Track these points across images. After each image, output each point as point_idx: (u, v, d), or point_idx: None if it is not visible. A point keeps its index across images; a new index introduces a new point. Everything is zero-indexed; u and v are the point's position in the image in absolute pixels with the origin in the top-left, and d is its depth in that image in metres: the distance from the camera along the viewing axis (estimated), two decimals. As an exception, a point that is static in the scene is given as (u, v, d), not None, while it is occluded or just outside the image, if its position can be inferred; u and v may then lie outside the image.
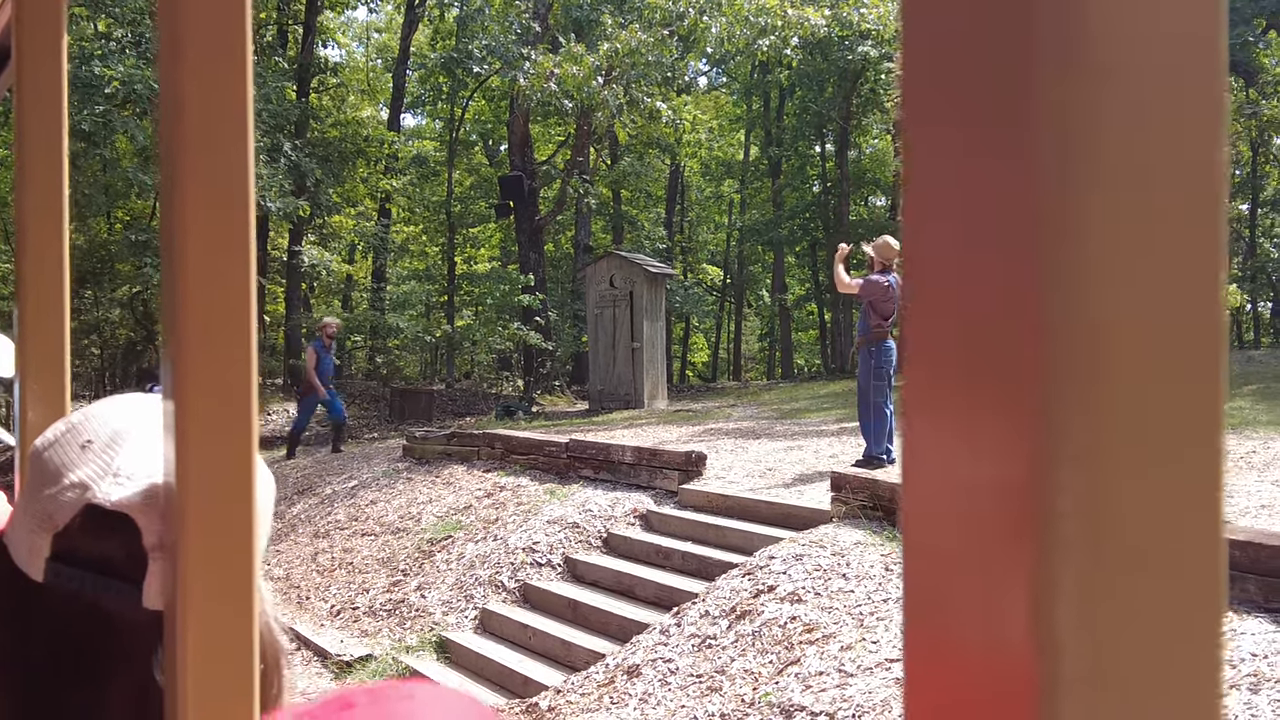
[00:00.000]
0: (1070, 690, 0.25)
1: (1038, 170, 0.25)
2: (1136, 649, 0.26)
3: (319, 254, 23.85)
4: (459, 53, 22.78)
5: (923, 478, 0.30)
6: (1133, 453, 0.26)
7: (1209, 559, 0.28)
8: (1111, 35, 0.26)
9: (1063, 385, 0.25)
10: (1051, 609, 0.25)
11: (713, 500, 8.93)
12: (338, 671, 8.22)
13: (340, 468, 13.88)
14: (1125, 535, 0.26)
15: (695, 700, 6.00)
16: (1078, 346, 0.25)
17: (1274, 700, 4.20)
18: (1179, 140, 0.26)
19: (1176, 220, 0.27)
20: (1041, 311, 0.25)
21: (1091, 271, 0.25)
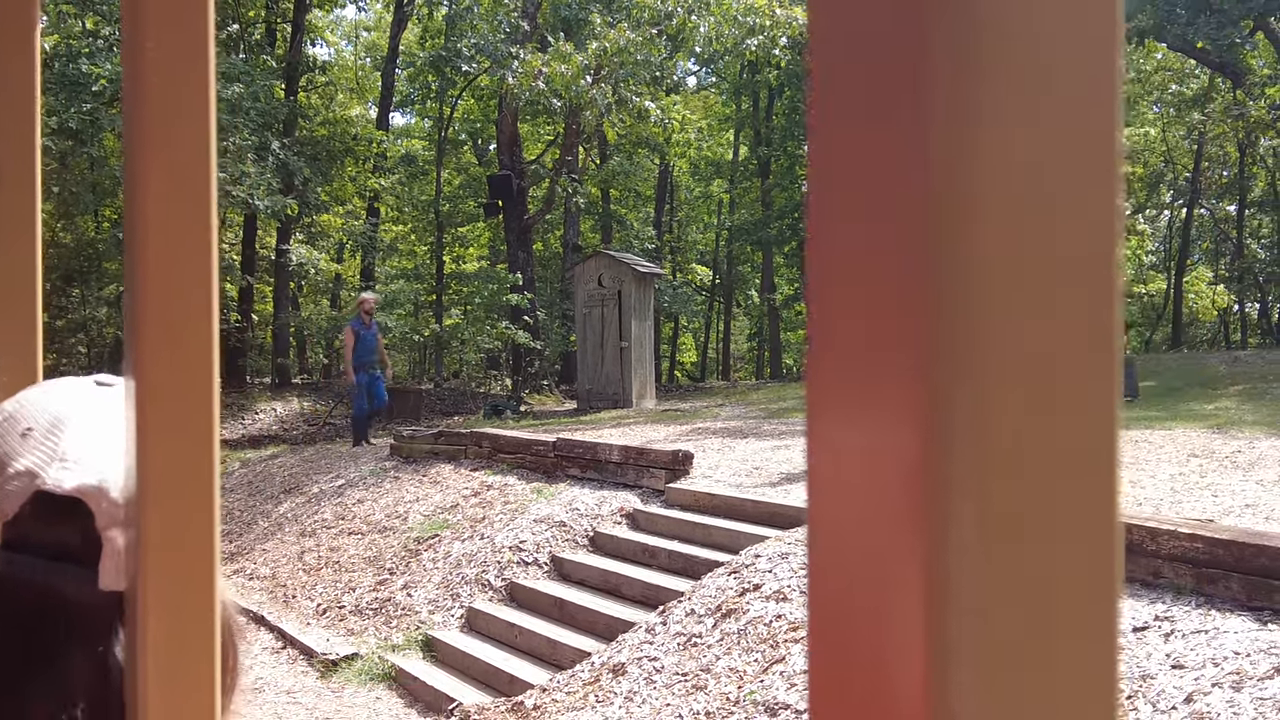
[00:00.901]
0: (961, 658, 0.27)
1: (931, 164, 0.26)
2: (1027, 620, 0.28)
3: (307, 253, 23.83)
4: (448, 51, 22.74)
5: (827, 455, 0.30)
6: (1022, 426, 0.28)
7: (1103, 536, 0.28)
8: (1002, 32, 0.28)
9: (952, 369, 0.27)
10: (945, 582, 0.27)
11: (699, 499, 8.94)
12: (323, 670, 8.22)
13: (327, 466, 13.86)
14: (1016, 508, 0.28)
15: (680, 699, 6.01)
16: (967, 331, 0.26)
17: (1256, 698, 4.22)
18: (1072, 131, 0.28)
19: (1068, 212, 0.28)
20: (932, 298, 0.27)
21: (981, 259, 0.27)
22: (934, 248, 0.26)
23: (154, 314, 0.67)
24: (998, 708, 0.27)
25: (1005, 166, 0.26)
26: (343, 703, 7.67)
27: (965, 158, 0.25)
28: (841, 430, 0.29)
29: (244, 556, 11.40)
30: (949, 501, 0.26)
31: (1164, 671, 4.65)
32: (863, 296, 0.29)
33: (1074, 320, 0.28)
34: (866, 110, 0.28)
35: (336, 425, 20.21)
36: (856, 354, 0.28)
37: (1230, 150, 29.43)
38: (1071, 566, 0.28)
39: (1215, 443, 9.39)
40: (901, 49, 0.27)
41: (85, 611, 0.80)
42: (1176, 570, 5.44)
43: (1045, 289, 0.27)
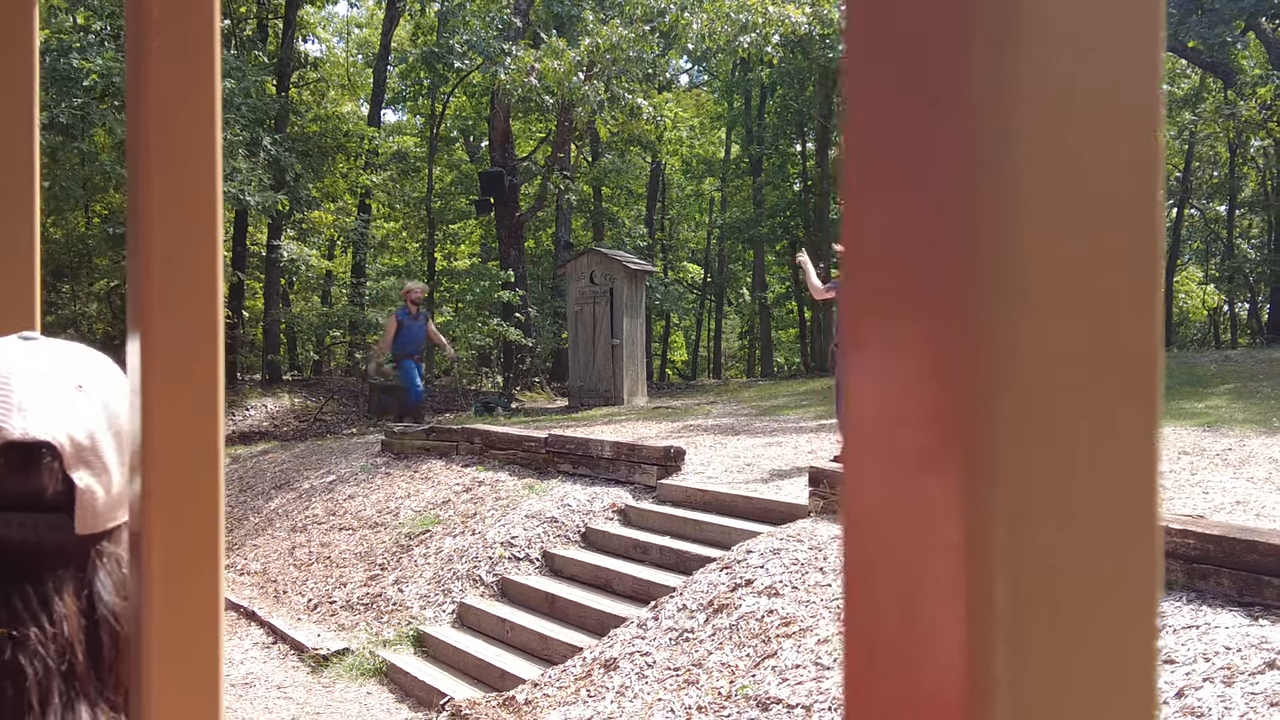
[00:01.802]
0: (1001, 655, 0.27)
1: (969, 153, 0.26)
2: (1067, 616, 0.27)
3: (298, 249, 23.78)
4: (440, 48, 22.70)
5: (863, 452, 0.30)
6: (1063, 419, 0.27)
7: (1143, 533, 0.28)
8: (1041, 15, 0.27)
9: (992, 365, 0.26)
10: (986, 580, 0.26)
11: (691, 495, 8.94)
12: (314, 665, 8.21)
13: (318, 463, 13.83)
14: (1054, 499, 0.27)
15: (672, 693, 6.01)
16: (1008, 325, 0.25)
17: (1247, 693, 4.23)
18: (1113, 119, 0.27)
19: (1109, 201, 0.27)
20: (971, 292, 0.26)
21: (1021, 250, 0.26)
22: (973, 239, 0.26)
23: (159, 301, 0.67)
24: (1038, 704, 0.27)
25: (1045, 154, 0.26)
26: (334, 698, 7.66)
27: (1004, 145, 0.25)
28: (877, 426, 0.29)
29: (235, 552, 11.37)
30: (990, 499, 0.26)
31: (1155, 666, 4.66)
32: (899, 291, 0.29)
33: (1116, 312, 0.27)
34: (901, 98, 0.28)
35: (327, 421, 20.18)
36: (892, 351, 0.28)
37: (1221, 150, 29.51)
38: (1111, 564, 0.28)
39: (1206, 440, 9.41)
40: (938, 34, 0.27)
41: (67, 556, 0.80)
42: (1168, 566, 5.46)
43: (1086, 280, 0.27)
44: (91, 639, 0.81)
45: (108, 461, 0.82)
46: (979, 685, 0.26)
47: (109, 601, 0.82)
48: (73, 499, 0.80)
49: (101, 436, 0.82)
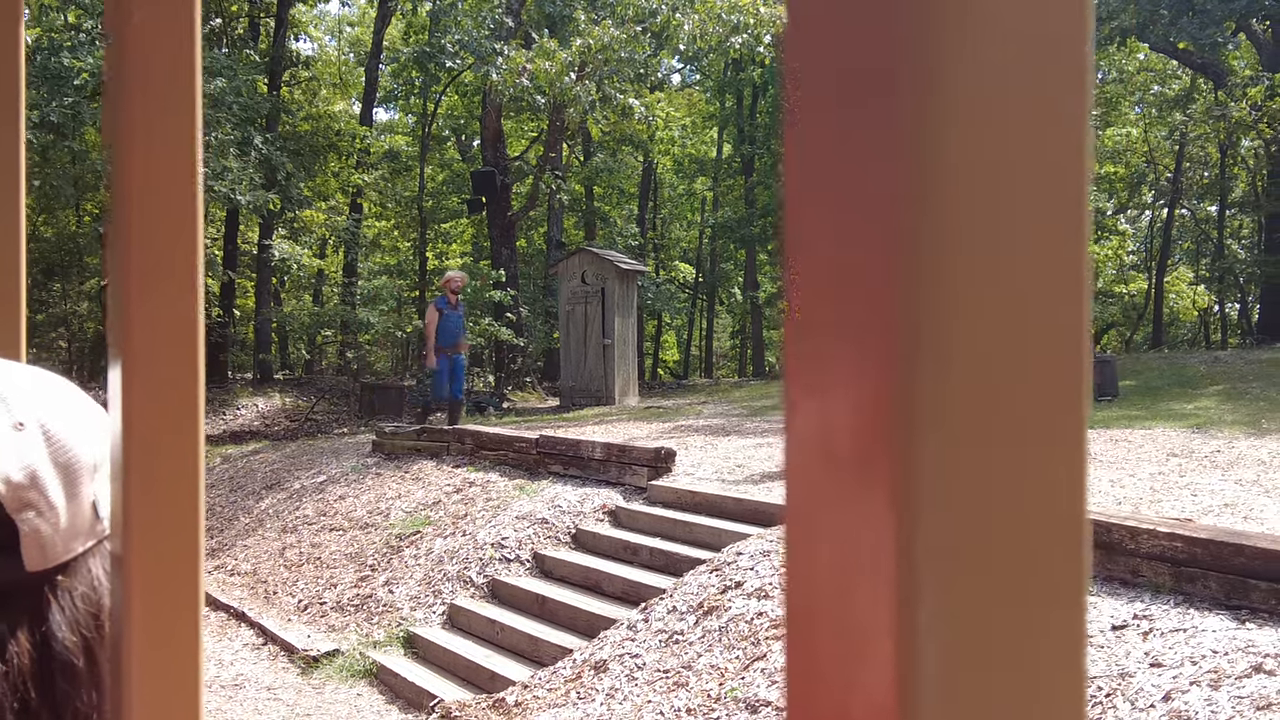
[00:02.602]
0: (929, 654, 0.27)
1: (898, 160, 0.27)
2: (996, 614, 0.28)
3: (290, 248, 23.76)
4: (432, 47, 22.68)
5: (801, 447, 0.30)
6: (989, 419, 0.28)
7: (1069, 532, 0.28)
8: (966, 31, 0.27)
9: (919, 363, 0.27)
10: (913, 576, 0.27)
11: (681, 496, 8.95)
12: (304, 666, 8.20)
13: (309, 463, 13.82)
14: (979, 498, 0.28)
15: (662, 695, 6.01)
16: (933, 321, 0.26)
17: (1234, 697, 4.25)
18: (1040, 128, 0.28)
19: (1037, 208, 0.28)
20: (901, 289, 0.27)
21: (947, 254, 0.27)
22: (902, 242, 0.27)
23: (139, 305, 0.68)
24: (966, 702, 0.28)
25: (971, 163, 0.27)
26: (324, 699, 7.66)
27: (931, 155, 0.27)
28: (814, 421, 0.30)
29: (225, 552, 11.37)
30: (917, 492, 0.27)
31: (1142, 670, 4.68)
32: (836, 287, 0.29)
33: (1042, 316, 0.28)
34: (838, 105, 0.29)
35: (318, 421, 20.16)
36: (830, 344, 0.29)
37: (1211, 151, 29.54)
38: (1039, 558, 0.28)
39: (1195, 442, 9.44)
40: (871, 44, 0.28)
41: (19, 594, 0.80)
42: (1155, 569, 5.47)
43: (1013, 285, 0.28)
44: (45, 676, 0.80)
45: (53, 498, 0.81)
46: (908, 695, 0.27)
47: (63, 638, 0.81)
48: (17, 537, 0.79)
49: (44, 473, 0.81)
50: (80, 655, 0.82)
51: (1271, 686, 4.22)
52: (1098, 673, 4.79)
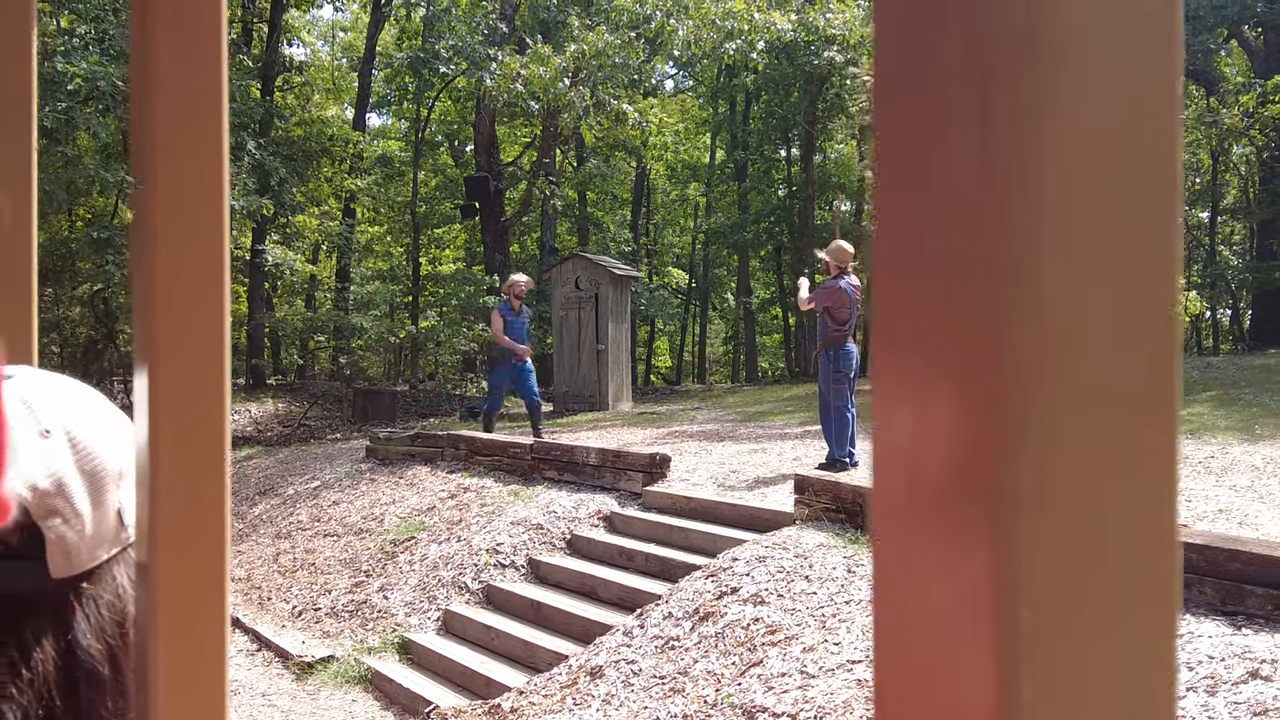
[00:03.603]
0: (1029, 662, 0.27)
1: (996, 166, 0.27)
2: (1092, 620, 0.28)
3: (283, 253, 23.73)
4: (425, 53, 22.68)
5: (890, 465, 0.30)
6: (1087, 441, 0.27)
7: (1162, 544, 0.28)
8: (1066, 28, 0.27)
9: (1020, 376, 0.27)
10: (1012, 591, 0.27)
11: (676, 502, 8.95)
12: (299, 673, 8.19)
13: (303, 468, 13.80)
14: (1079, 521, 0.27)
15: (658, 701, 6.01)
16: (1034, 334, 0.26)
17: (1230, 703, 4.25)
18: (1133, 133, 0.27)
19: (1131, 213, 0.27)
20: (1000, 301, 0.27)
21: (1047, 262, 0.27)
22: (999, 254, 0.27)
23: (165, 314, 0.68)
24: (1064, 708, 0.27)
25: (1069, 171, 0.27)
26: (318, 705, 7.64)
27: (1030, 163, 0.27)
28: (906, 434, 0.29)
29: (219, 558, 11.33)
30: (1015, 506, 0.27)
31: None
32: (928, 300, 0.29)
33: (1136, 326, 0.28)
34: (928, 115, 0.28)
35: (311, 426, 20.13)
36: (920, 362, 0.28)
37: (1203, 157, 29.61)
38: (1132, 582, 0.28)
39: (1188, 448, 9.45)
40: (964, 52, 0.27)
41: (44, 601, 0.80)
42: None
43: (1108, 301, 0.27)
44: (70, 683, 0.80)
45: (78, 506, 0.81)
46: (1006, 710, 0.27)
47: (87, 646, 0.81)
48: (42, 544, 0.79)
49: (70, 481, 0.81)
50: (105, 663, 0.82)
51: (1268, 692, 4.23)
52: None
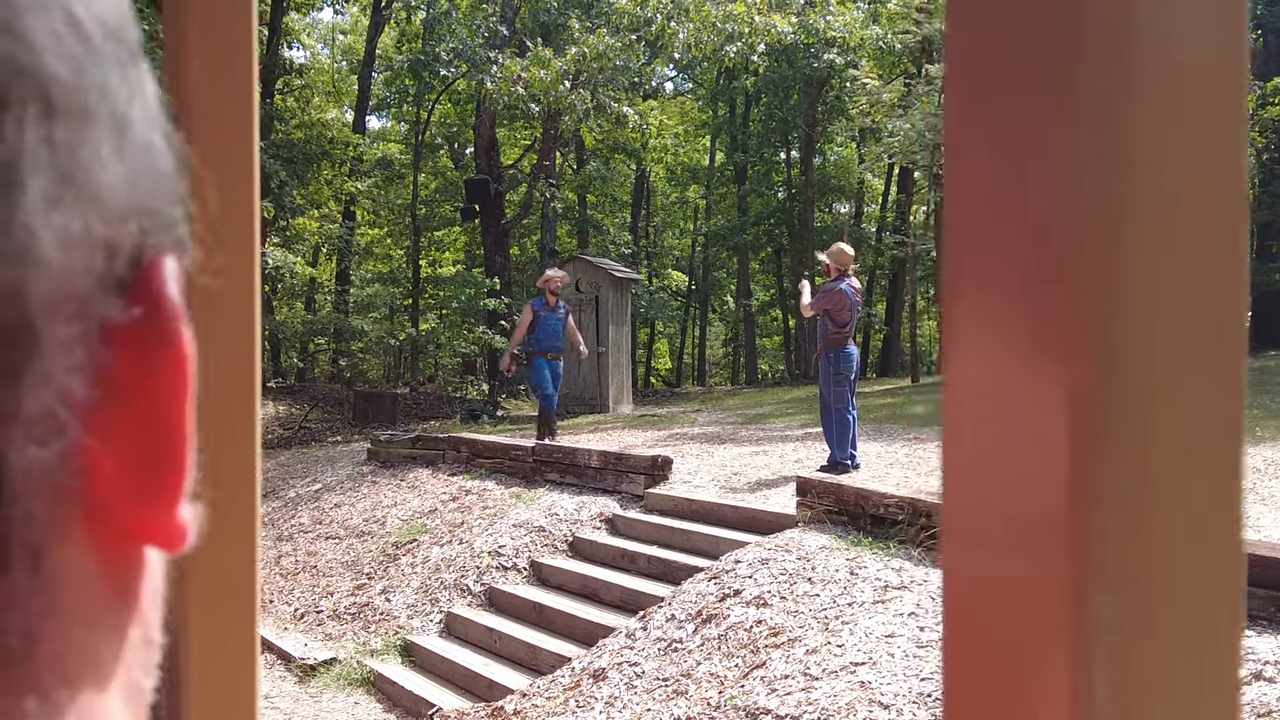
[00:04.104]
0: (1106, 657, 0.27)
1: (1079, 171, 0.26)
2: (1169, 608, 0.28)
3: (283, 256, 23.70)
4: (425, 55, 22.69)
5: (966, 457, 0.31)
6: (1169, 442, 0.27)
7: (1229, 554, 0.28)
8: (1152, 35, 0.27)
9: (1106, 381, 0.26)
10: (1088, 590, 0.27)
11: (678, 504, 8.95)
12: (301, 675, 8.19)
13: (304, 471, 13.81)
14: (1160, 522, 0.27)
15: (661, 704, 6.02)
16: (1120, 340, 0.25)
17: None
18: (1206, 142, 0.27)
19: (1205, 219, 0.27)
20: (1082, 315, 0.26)
21: (1133, 272, 0.26)
22: (1083, 264, 0.26)
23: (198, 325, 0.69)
24: (1144, 691, 0.27)
25: (1157, 178, 0.27)
26: (321, 708, 7.65)
27: (1117, 170, 0.26)
28: (979, 440, 0.29)
29: (220, 561, 11.34)
30: (1098, 503, 0.27)
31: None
32: (1000, 309, 0.28)
33: (1211, 334, 0.27)
34: (1007, 119, 0.28)
35: (312, 429, 20.14)
36: (993, 372, 0.28)
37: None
38: (1201, 575, 0.28)
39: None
40: (1048, 55, 0.27)
41: None
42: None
43: (1189, 307, 0.27)
44: None
45: None
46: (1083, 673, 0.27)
47: None
48: None
49: None
50: None
51: (1271, 694, 4.24)
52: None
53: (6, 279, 0.22)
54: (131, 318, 0.27)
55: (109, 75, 0.27)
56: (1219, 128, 0.27)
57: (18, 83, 0.24)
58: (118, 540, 0.28)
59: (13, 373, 0.23)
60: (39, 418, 0.24)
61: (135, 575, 0.30)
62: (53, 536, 0.25)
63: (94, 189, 0.26)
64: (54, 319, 0.24)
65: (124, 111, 0.28)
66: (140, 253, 0.28)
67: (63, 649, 0.26)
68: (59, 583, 0.26)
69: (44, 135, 0.25)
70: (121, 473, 0.27)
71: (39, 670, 0.26)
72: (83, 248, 0.25)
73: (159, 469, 0.28)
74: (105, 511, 0.27)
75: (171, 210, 0.31)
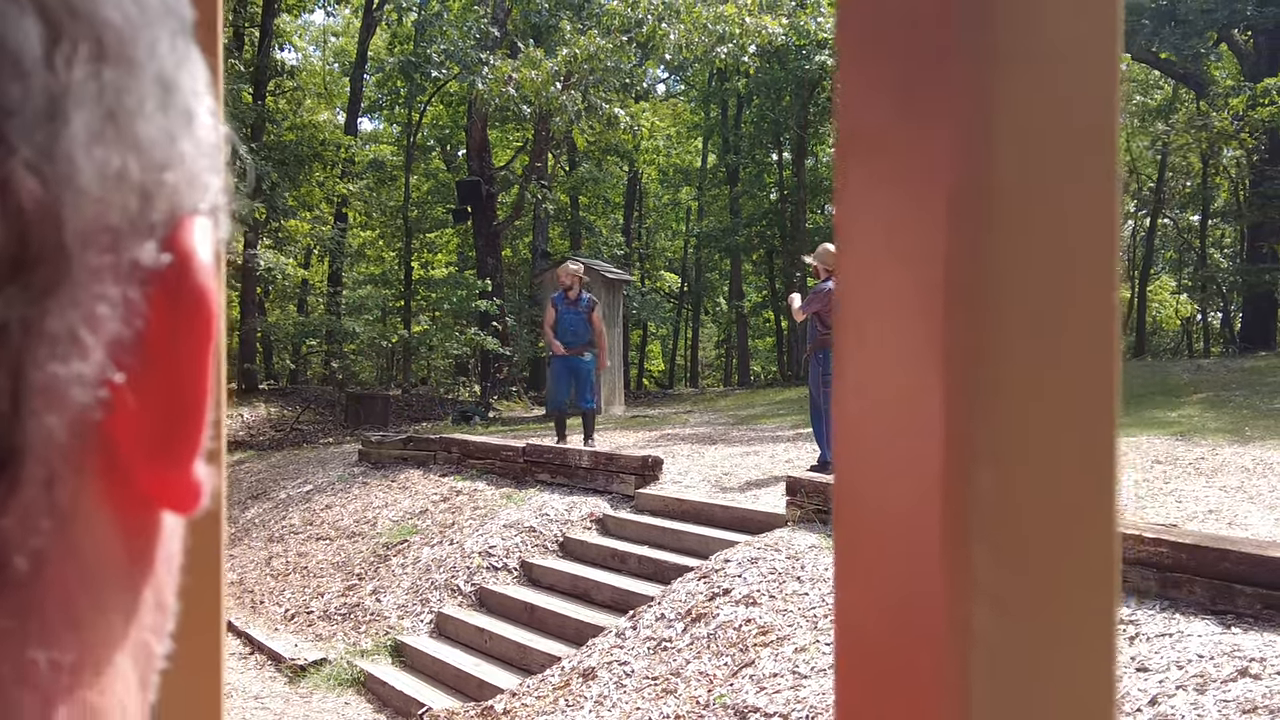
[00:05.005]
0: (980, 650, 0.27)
1: (954, 156, 0.27)
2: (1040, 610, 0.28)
3: (275, 258, 23.70)
4: (417, 57, 22.69)
5: (854, 454, 0.32)
6: (1037, 442, 0.27)
7: (1104, 544, 0.29)
8: (1019, 32, 0.27)
9: (975, 379, 0.27)
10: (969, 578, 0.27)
11: (669, 504, 8.96)
12: (291, 676, 8.19)
13: (295, 472, 13.80)
14: (1028, 516, 0.28)
15: (650, 702, 6.02)
16: (990, 335, 0.27)
17: (1220, 701, 4.27)
18: (1078, 134, 0.27)
19: (1077, 214, 0.28)
20: (956, 291, 0.27)
21: (1001, 250, 0.27)
22: (956, 238, 0.27)
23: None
24: (1014, 693, 0.28)
25: (1022, 159, 0.27)
26: (311, 708, 7.64)
27: (985, 148, 0.27)
28: (868, 426, 0.30)
29: (211, 562, 11.32)
30: (973, 462, 0.27)
31: (1129, 674, 4.71)
32: (890, 288, 0.29)
33: (1081, 317, 0.28)
34: (891, 102, 0.29)
35: (304, 431, 20.12)
36: (883, 348, 0.29)
37: (1194, 161, 29.68)
38: (1077, 555, 0.28)
39: (1179, 449, 9.48)
40: (926, 41, 0.27)
41: None
42: (1141, 574, 5.51)
43: (1057, 288, 0.27)
44: None
45: None
46: (957, 677, 0.27)
47: None
48: None
49: None
50: None
51: (1257, 690, 4.25)
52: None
53: (47, 201, 0.23)
54: (161, 264, 0.28)
55: (159, 37, 0.29)
56: (1090, 134, 0.27)
57: (72, 22, 0.25)
58: (133, 495, 0.29)
59: (43, 290, 0.24)
60: (63, 336, 0.25)
61: (150, 534, 0.31)
62: (68, 463, 0.26)
63: (135, 134, 0.27)
64: (87, 247, 0.25)
65: (171, 75, 0.29)
66: (176, 208, 0.29)
67: (72, 591, 0.27)
68: (71, 515, 0.26)
69: (92, 73, 0.26)
70: (139, 421, 0.27)
71: (45, 602, 0.26)
72: (120, 186, 0.26)
73: (176, 425, 0.28)
74: (120, 458, 0.27)
75: (210, 178, 0.33)
